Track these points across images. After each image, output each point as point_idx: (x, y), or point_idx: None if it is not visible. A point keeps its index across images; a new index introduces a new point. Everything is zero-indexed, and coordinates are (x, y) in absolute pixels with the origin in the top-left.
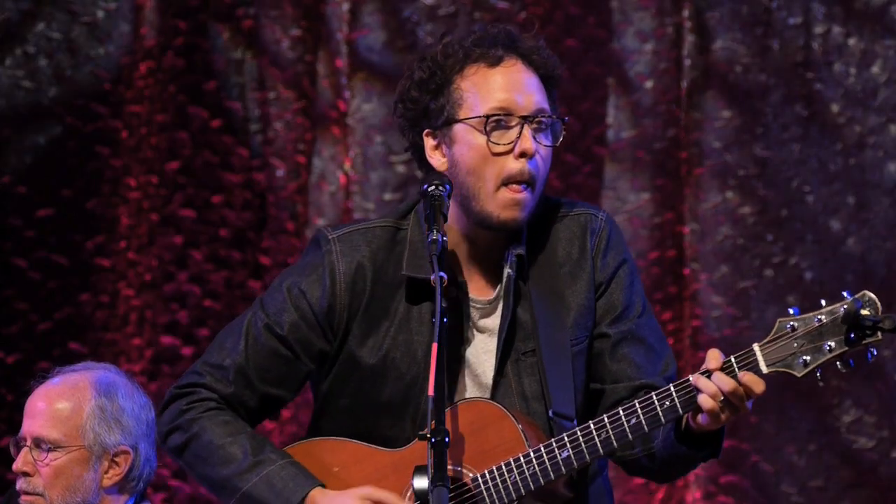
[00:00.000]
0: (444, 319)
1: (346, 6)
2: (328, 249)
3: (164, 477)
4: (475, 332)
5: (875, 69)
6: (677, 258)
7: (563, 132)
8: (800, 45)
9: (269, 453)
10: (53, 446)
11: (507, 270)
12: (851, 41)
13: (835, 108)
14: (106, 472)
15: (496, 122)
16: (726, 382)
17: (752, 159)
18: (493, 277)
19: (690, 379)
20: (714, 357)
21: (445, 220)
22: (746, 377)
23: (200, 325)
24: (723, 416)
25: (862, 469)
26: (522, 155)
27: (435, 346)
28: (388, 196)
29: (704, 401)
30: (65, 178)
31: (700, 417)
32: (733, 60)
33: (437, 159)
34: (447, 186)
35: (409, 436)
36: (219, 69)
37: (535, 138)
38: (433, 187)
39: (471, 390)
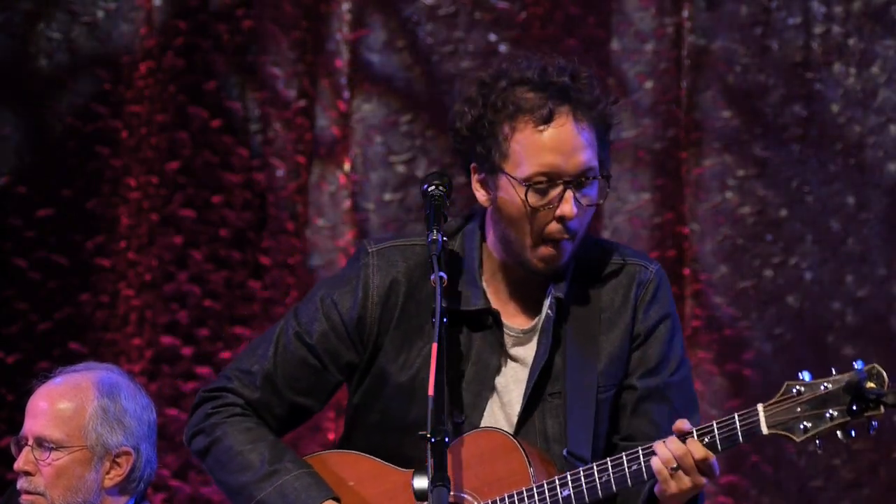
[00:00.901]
0: (445, 319)
1: (346, 6)
2: (365, 263)
3: (165, 477)
4: (508, 360)
5: (875, 69)
6: (677, 258)
7: (609, 188)
8: (799, 45)
9: (287, 462)
10: (56, 446)
11: (546, 311)
12: (851, 41)
13: (834, 108)
14: (107, 473)
15: (538, 187)
16: (677, 447)
17: (751, 159)
18: (530, 307)
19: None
20: (676, 428)
21: (446, 219)
22: (695, 446)
23: (200, 325)
24: (672, 485)
25: (862, 469)
26: (562, 219)
27: (435, 346)
28: (387, 196)
29: (654, 463)
30: (65, 178)
31: (656, 487)
32: (733, 60)
33: (481, 194)
34: (447, 186)
35: None
36: (219, 69)
37: (577, 197)
38: (433, 187)
39: (497, 417)
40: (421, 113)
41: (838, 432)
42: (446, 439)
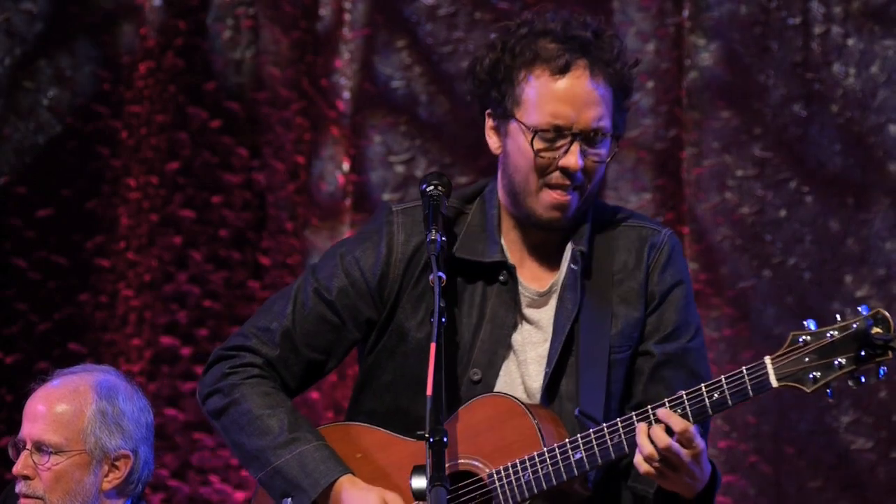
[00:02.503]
0: (443, 320)
1: (345, 6)
2: (389, 220)
3: (163, 477)
4: (523, 320)
5: (874, 69)
6: None
7: (616, 148)
8: (799, 45)
9: (306, 432)
10: (55, 450)
11: (569, 265)
12: (850, 41)
13: (834, 108)
14: (106, 476)
15: (546, 136)
16: (660, 438)
17: (751, 159)
18: (546, 270)
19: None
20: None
21: (444, 219)
22: (672, 418)
23: (200, 325)
24: (656, 465)
25: (860, 469)
26: (565, 169)
27: (433, 346)
28: (386, 196)
29: (638, 463)
30: (64, 179)
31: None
32: (733, 60)
33: (493, 141)
34: (446, 186)
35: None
36: (218, 69)
37: (584, 151)
38: (431, 187)
39: (513, 378)
40: (420, 113)
41: (849, 380)
42: (444, 439)
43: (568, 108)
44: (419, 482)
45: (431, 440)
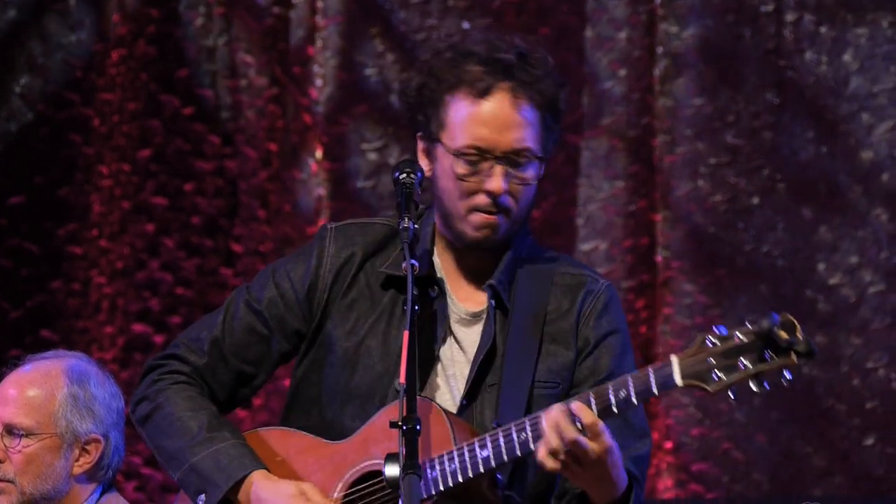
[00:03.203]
0: (416, 307)
1: None
2: (323, 236)
3: (137, 465)
4: (451, 337)
5: (847, 57)
6: (650, 246)
7: (542, 170)
8: (771, 32)
9: (225, 432)
10: (26, 433)
11: (488, 300)
12: (823, 29)
13: (806, 96)
14: (76, 461)
15: (468, 160)
16: (558, 411)
17: (723, 147)
18: (477, 293)
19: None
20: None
21: (417, 206)
22: (584, 411)
23: (172, 312)
24: (571, 468)
25: (834, 457)
26: (489, 194)
27: (406, 333)
28: (360, 184)
29: (539, 455)
30: (36, 166)
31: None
32: (705, 48)
33: (424, 163)
34: (419, 174)
35: None
36: (191, 57)
37: (508, 174)
38: (404, 175)
39: (441, 390)
40: (393, 100)
41: (751, 382)
42: (417, 427)
43: (489, 132)
44: (392, 470)
45: (405, 428)
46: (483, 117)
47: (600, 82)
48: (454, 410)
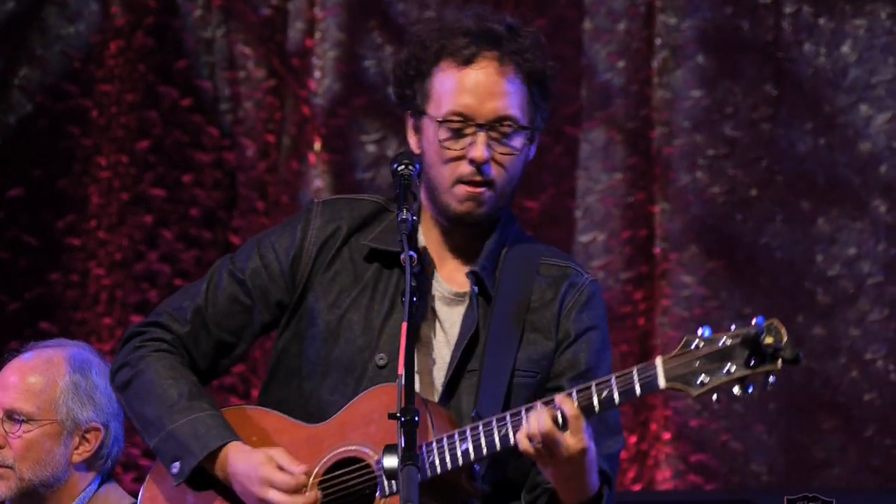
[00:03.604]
0: (415, 299)
1: None
2: (309, 209)
3: (135, 456)
4: (434, 316)
5: (845, 49)
6: (648, 237)
7: (531, 141)
8: (770, 24)
9: (204, 402)
10: (26, 419)
11: (471, 286)
12: (822, 21)
13: (805, 87)
14: (76, 449)
15: (451, 127)
16: (543, 423)
17: (721, 139)
18: (461, 274)
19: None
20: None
21: (415, 199)
22: (566, 403)
23: None
24: (545, 458)
25: (832, 449)
26: (472, 162)
27: (405, 325)
28: (358, 176)
29: (520, 440)
30: (35, 158)
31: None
32: (703, 40)
33: (413, 141)
34: (417, 166)
35: (345, 404)
36: (189, 48)
37: (491, 145)
38: (403, 166)
39: (423, 371)
40: (391, 92)
41: (735, 387)
42: (416, 418)
43: (472, 99)
44: (391, 461)
45: (403, 419)
46: (467, 85)
47: (598, 74)
48: (435, 393)
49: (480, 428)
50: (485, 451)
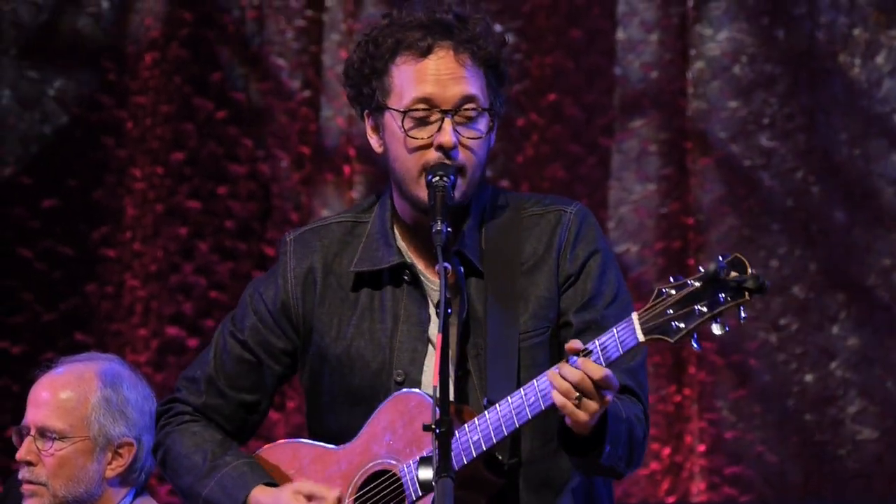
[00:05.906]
0: (449, 311)
1: None
2: (283, 251)
3: None
4: (434, 314)
5: (879, 59)
6: (682, 249)
7: (494, 122)
8: (805, 35)
9: (227, 457)
10: (58, 436)
11: (456, 268)
12: (856, 31)
13: (840, 98)
14: (109, 464)
15: (416, 116)
16: (573, 374)
17: (757, 150)
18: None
19: (547, 374)
20: (568, 348)
21: (450, 209)
22: (590, 367)
23: (206, 316)
24: (581, 415)
25: (867, 459)
26: (440, 148)
27: (440, 336)
28: None
29: (555, 398)
30: (70, 169)
31: (566, 419)
32: (738, 51)
33: (374, 141)
34: (451, 177)
35: None
36: (224, 60)
37: (458, 130)
38: (437, 178)
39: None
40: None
41: (712, 326)
42: (452, 430)
43: (434, 86)
44: (426, 473)
45: (438, 431)
46: (427, 73)
47: (631, 84)
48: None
49: (486, 416)
50: (494, 438)
